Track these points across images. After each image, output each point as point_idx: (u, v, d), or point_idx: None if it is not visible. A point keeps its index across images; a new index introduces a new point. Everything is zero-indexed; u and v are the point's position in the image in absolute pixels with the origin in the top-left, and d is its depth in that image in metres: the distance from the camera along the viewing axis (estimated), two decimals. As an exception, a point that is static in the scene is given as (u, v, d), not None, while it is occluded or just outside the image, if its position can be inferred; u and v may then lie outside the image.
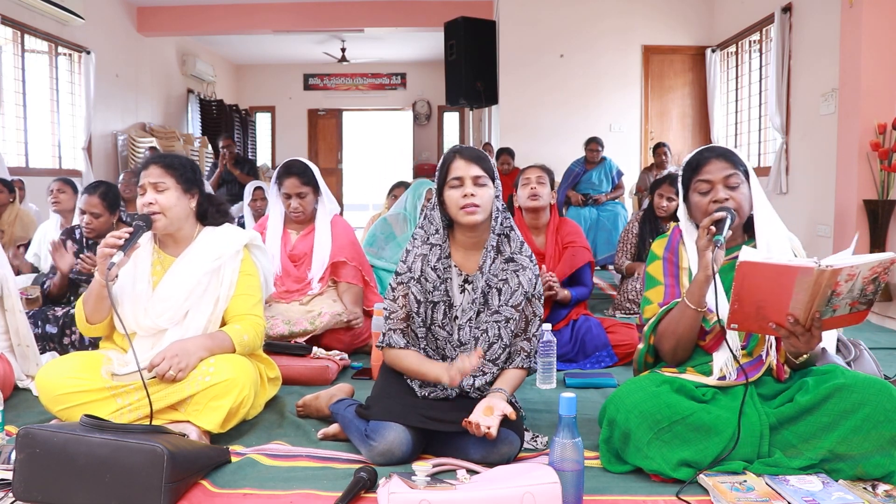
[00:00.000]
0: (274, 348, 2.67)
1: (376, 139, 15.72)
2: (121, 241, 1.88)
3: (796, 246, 1.85)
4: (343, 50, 11.33)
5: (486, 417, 1.71)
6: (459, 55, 7.61)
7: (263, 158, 12.64)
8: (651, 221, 4.06)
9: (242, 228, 2.35)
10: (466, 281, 1.93)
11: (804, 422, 1.67)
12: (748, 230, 1.89)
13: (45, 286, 3.02)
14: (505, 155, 7.04)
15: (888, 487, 1.58)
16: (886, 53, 4.44)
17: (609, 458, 1.75)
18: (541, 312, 1.97)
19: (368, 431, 1.79)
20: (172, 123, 9.84)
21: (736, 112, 7.30)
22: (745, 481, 1.60)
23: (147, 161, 2.08)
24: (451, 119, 13.01)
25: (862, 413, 1.61)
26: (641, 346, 1.92)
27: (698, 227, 1.84)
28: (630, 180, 6.98)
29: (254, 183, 4.89)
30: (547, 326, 2.60)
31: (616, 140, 7.47)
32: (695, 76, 7.65)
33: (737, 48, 7.15)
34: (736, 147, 7.12)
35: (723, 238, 1.68)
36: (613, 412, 1.73)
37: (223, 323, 2.09)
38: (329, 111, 13.09)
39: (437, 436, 1.83)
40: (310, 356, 2.70)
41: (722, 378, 1.78)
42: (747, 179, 1.83)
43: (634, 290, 3.95)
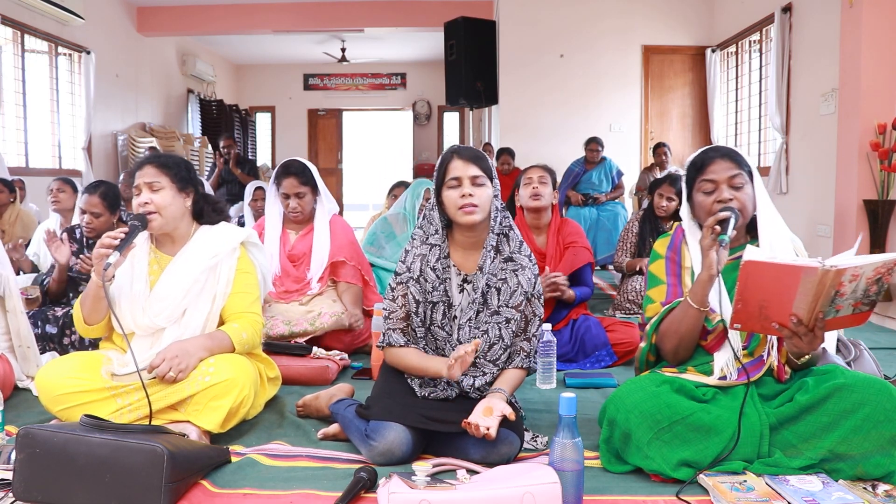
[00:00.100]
0: (274, 348, 2.67)
1: (376, 139, 15.72)
2: (116, 241, 1.88)
3: (798, 247, 1.85)
4: (343, 50, 11.33)
5: (486, 418, 1.71)
6: (459, 55, 7.61)
7: (263, 158, 12.63)
8: (651, 221, 4.07)
9: (243, 227, 2.35)
10: (465, 281, 1.93)
11: (804, 422, 1.67)
12: (750, 231, 1.89)
13: (44, 283, 3.02)
14: (505, 155, 7.04)
15: (888, 487, 1.58)
16: (886, 53, 4.44)
17: (609, 458, 1.75)
18: (541, 312, 1.97)
19: (368, 431, 1.79)
20: (172, 123, 9.84)
21: (736, 112, 7.29)
22: (745, 481, 1.60)
23: (142, 161, 2.07)
24: (451, 119, 13.01)
25: (862, 413, 1.61)
26: (643, 345, 1.92)
27: (701, 227, 1.84)
28: (630, 180, 6.98)
29: (255, 183, 4.89)
30: (547, 326, 2.60)
31: (616, 140, 7.47)
32: (695, 76, 7.65)
33: (737, 48, 7.15)
34: (736, 147, 7.11)
35: (727, 238, 1.68)
36: (613, 412, 1.73)
37: (221, 321, 2.09)
38: (329, 111, 13.08)
39: (437, 436, 1.83)
40: (310, 356, 2.70)
41: (722, 378, 1.78)
42: (751, 180, 1.83)
43: (634, 290, 3.95)
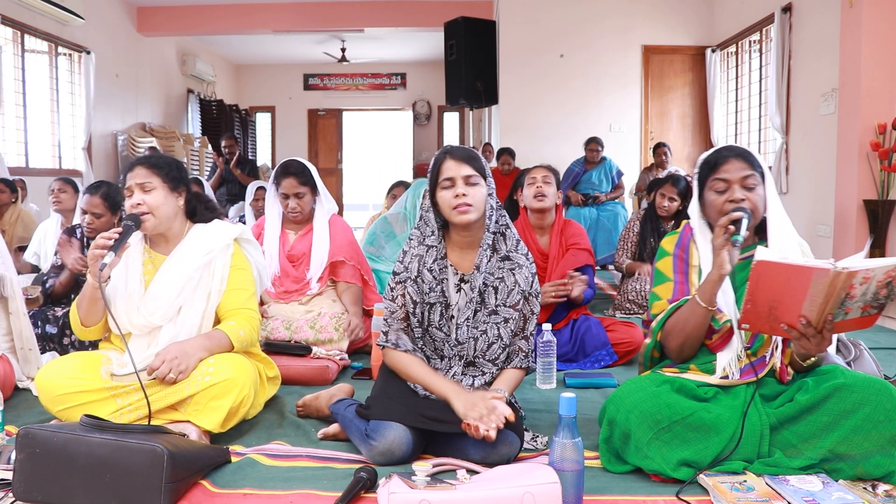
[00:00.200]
0: (274, 348, 2.67)
1: (376, 139, 15.71)
2: (111, 242, 1.88)
3: (806, 250, 1.85)
4: (343, 50, 11.32)
5: (486, 419, 1.71)
6: (459, 55, 7.60)
7: (263, 158, 12.62)
8: (652, 221, 4.07)
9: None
10: (463, 280, 1.94)
11: (804, 421, 1.67)
12: (758, 232, 1.89)
13: (48, 285, 3.01)
14: (505, 155, 7.03)
15: (888, 487, 1.58)
16: (886, 53, 4.44)
17: (609, 458, 1.75)
18: (537, 310, 1.98)
19: (369, 431, 1.79)
20: (172, 123, 9.84)
21: (736, 112, 7.29)
22: (745, 481, 1.60)
23: (132, 163, 2.07)
24: (451, 119, 13.00)
25: (862, 413, 1.61)
26: (648, 341, 1.90)
27: (710, 226, 1.84)
28: (630, 180, 6.97)
29: (256, 183, 4.89)
30: (547, 326, 2.60)
31: (616, 140, 7.47)
32: (695, 76, 7.65)
33: (737, 48, 7.15)
34: (736, 147, 7.11)
35: (741, 238, 1.67)
36: (613, 412, 1.73)
37: (217, 319, 2.09)
38: (329, 111, 13.07)
39: (437, 436, 1.83)
40: (310, 356, 2.71)
41: (725, 377, 1.78)
42: (763, 181, 1.82)
43: (634, 290, 3.95)
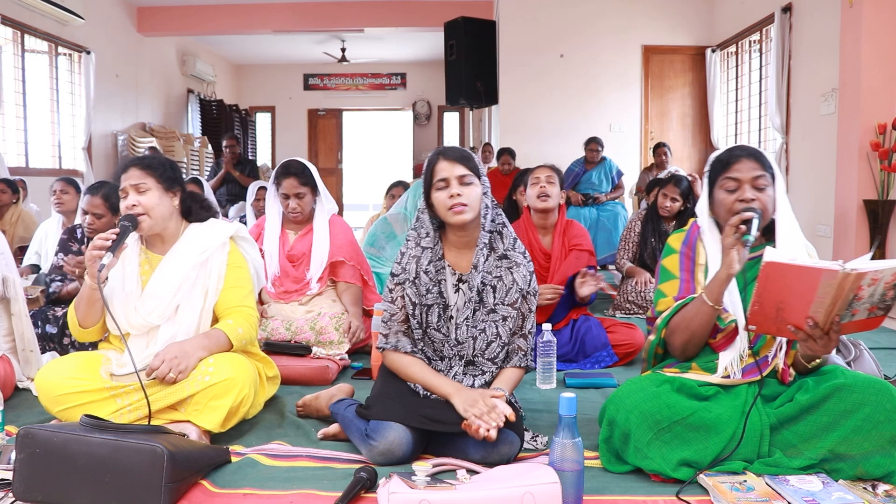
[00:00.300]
0: (274, 348, 2.67)
1: (376, 139, 15.71)
2: (108, 243, 1.88)
3: (812, 254, 1.84)
4: (343, 50, 11.32)
5: (486, 418, 1.71)
6: (459, 55, 7.60)
7: (263, 158, 12.62)
8: (653, 221, 4.08)
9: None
10: (461, 280, 1.94)
11: (804, 421, 1.67)
12: (765, 233, 1.88)
13: (52, 289, 3.00)
14: (506, 155, 7.03)
15: (888, 487, 1.59)
16: (886, 53, 4.43)
17: (609, 458, 1.75)
18: (535, 308, 1.99)
19: (369, 431, 1.79)
20: (172, 123, 9.84)
21: (736, 112, 7.28)
22: (745, 481, 1.60)
23: (125, 164, 2.06)
24: (451, 119, 13.00)
25: (862, 413, 1.61)
26: (653, 338, 1.90)
27: (718, 224, 1.84)
28: (630, 180, 6.97)
29: (257, 183, 4.89)
30: (547, 326, 2.60)
31: (616, 140, 7.46)
32: (695, 76, 7.64)
33: (737, 48, 7.15)
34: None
35: (752, 238, 1.67)
36: (613, 412, 1.73)
37: (215, 318, 2.09)
38: (329, 111, 13.07)
39: (437, 436, 1.83)
40: (310, 356, 2.71)
41: (726, 377, 1.78)
42: (773, 183, 1.81)
43: (634, 291, 3.95)
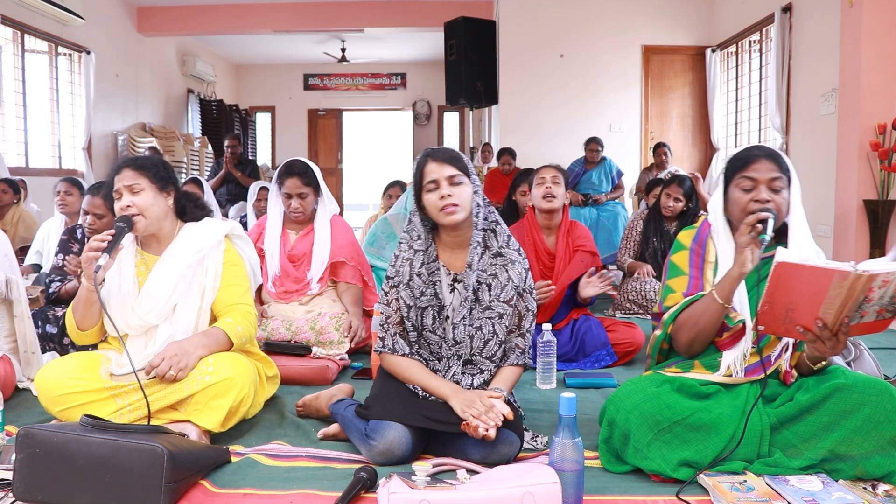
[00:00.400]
0: (274, 348, 2.67)
1: (376, 139, 15.70)
2: (104, 244, 1.88)
3: (821, 258, 1.84)
4: (343, 50, 11.32)
5: (485, 418, 1.71)
6: (459, 55, 7.60)
7: (263, 158, 12.62)
8: (656, 221, 4.08)
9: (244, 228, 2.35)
10: (456, 280, 1.94)
11: (804, 421, 1.67)
12: (777, 236, 1.88)
13: (52, 289, 2.99)
14: (506, 155, 7.02)
15: (888, 487, 1.59)
16: (886, 53, 4.43)
17: (609, 458, 1.75)
18: (533, 307, 1.97)
19: (368, 431, 1.79)
20: (172, 123, 9.84)
21: (736, 112, 7.28)
22: (745, 481, 1.60)
23: (118, 165, 2.06)
24: (451, 119, 13.00)
25: (862, 413, 1.61)
26: (659, 333, 1.89)
27: (730, 223, 1.84)
28: (630, 180, 6.97)
29: (259, 183, 4.88)
30: (547, 326, 2.60)
31: (616, 140, 7.46)
32: (695, 76, 7.64)
33: (737, 48, 7.15)
34: (736, 147, 7.12)
35: (768, 237, 1.67)
36: (613, 412, 1.73)
37: (213, 317, 2.09)
38: (329, 111, 13.07)
39: (437, 436, 1.83)
40: (310, 356, 2.71)
41: (728, 375, 1.78)
42: (788, 185, 1.81)
43: (635, 290, 3.95)
